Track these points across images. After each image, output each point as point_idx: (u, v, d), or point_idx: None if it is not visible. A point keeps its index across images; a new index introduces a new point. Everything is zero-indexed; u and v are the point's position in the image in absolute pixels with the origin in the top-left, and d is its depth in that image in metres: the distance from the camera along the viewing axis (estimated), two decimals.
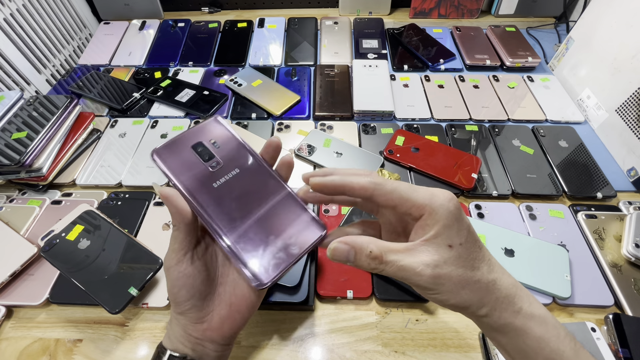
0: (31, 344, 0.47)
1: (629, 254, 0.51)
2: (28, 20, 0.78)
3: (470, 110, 0.74)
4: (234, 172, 0.29)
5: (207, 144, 0.30)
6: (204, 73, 0.83)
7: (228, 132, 0.31)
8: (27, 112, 0.65)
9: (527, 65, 0.83)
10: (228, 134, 0.31)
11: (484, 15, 1.01)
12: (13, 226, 0.56)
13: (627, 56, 0.63)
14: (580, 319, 0.48)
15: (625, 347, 0.43)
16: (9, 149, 0.59)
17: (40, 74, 0.80)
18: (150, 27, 0.95)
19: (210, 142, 0.30)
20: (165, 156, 0.29)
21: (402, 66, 0.84)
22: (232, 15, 1.03)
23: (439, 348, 0.46)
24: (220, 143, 0.31)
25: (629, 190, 0.62)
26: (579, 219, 0.57)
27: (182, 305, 0.29)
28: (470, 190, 0.60)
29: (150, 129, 0.72)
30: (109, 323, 0.49)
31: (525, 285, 0.49)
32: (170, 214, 0.28)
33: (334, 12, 1.03)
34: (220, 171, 0.29)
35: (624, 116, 0.64)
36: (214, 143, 0.30)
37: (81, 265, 0.48)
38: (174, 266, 0.28)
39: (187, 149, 0.30)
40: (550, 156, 0.65)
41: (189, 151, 0.30)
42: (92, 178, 0.64)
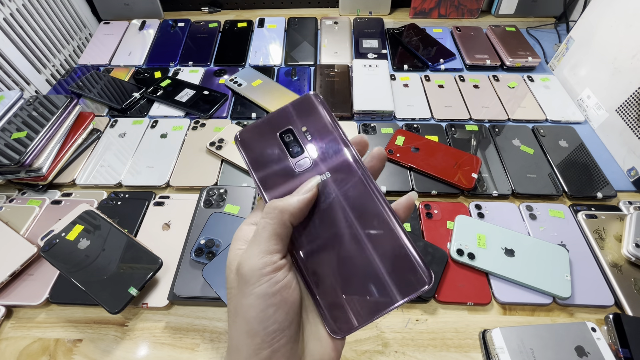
0: (31, 344, 0.47)
1: (629, 254, 0.51)
2: (28, 20, 0.78)
3: (471, 110, 0.74)
4: (324, 177, 0.24)
5: (297, 132, 0.24)
6: (204, 73, 0.83)
7: (325, 117, 0.25)
8: (27, 112, 0.65)
9: (527, 65, 0.83)
10: (324, 120, 0.25)
11: (484, 15, 1.00)
12: (13, 226, 0.56)
13: (627, 56, 0.63)
14: (580, 319, 0.48)
15: (625, 347, 0.43)
16: (8, 149, 0.59)
17: (40, 74, 0.80)
18: (150, 27, 0.95)
19: (302, 130, 0.24)
20: (248, 142, 0.25)
21: (402, 66, 0.83)
22: (232, 15, 1.03)
23: (439, 348, 0.46)
24: (313, 132, 0.25)
25: (629, 190, 0.62)
26: (579, 218, 0.56)
27: (274, 339, 0.20)
28: (470, 190, 0.60)
29: (150, 128, 0.71)
30: (108, 323, 0.49)
31: (525, 285, 0.49)
32: (285, 203, 0.22)
33: (334, 12, 1.03)
34: (308, 173, 0.24)
35: (624, 116, 0.64)
36: (306, 132, 0.24)
37: (81, 265, 0.48)
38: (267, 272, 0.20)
39: (274, 136, 0.25)
40: (551, 156, 0.65)
41: (275, 139, 0.24)
42: (92, 178, 0.64)
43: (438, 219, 0.57)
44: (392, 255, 0.22)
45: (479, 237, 0.53)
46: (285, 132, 0.25)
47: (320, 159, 0.24)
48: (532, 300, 0.49)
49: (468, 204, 0.59)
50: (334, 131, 0.24)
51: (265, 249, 0.21)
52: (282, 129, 0.25)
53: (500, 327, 0.45)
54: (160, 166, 0.65)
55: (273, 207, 0.22)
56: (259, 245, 0.21)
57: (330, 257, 0.22)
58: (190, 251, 0.52)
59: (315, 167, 0.24)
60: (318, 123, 0.25)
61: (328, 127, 0.24)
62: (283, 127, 0.25)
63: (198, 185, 0.62)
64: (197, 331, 0.48)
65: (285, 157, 0.24)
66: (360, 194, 0.23)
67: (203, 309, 0.50)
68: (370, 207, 0.23)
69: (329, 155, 0.24)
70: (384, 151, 0.25)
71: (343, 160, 0.24)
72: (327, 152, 0.24)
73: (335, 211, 0.23)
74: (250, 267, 0.21)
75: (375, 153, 0.25)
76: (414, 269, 0.22)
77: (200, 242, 0.52)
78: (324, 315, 0.22)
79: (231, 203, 0.58)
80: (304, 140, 0.24)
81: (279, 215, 0.21)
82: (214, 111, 0.74)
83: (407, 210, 0.23)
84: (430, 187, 0.61)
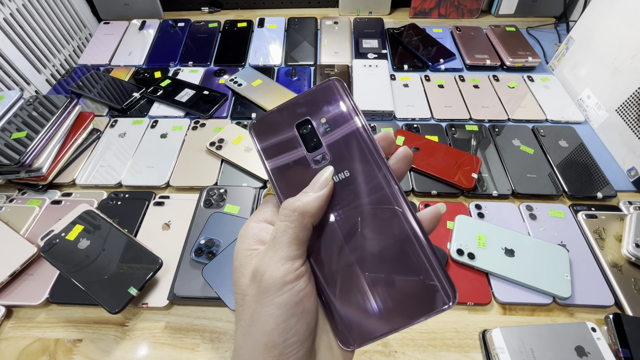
0: (31, 344, 0.47)
1: (629, 254, 0.51)
2: (28, 20, 0.78)
3: (471, 110, 0.74)
4: (342, 176, 0.21)
5: (315, 123, 0.22)
6: (203, 73, 0.83)
7: (347, 108, 0.22)
8: (26, 112, 0.65)
9: (527, 65, 0.83)
10: (346, 111, 0.22)
11: (484, 15, 1.00)
12: (13, 226, 0.56)
13: (627, 56, 0.63)
14: (580, 318, 0.48)
15: (625, 347, 0.43)
16: (8, 149, 0.59)
17: (40, 74, 0.80)
18: (150, 27, 0.95)
19: (321, 122, 0.22)
20: (263, 132, 0.23)
21: (402, 66, 0.83)
22: (232, 15, 1.03)
23: (439, 348, 0.46)
24: (333, 124, 0.22)
25: (629, 190, 0.62)
26: (579, 218, 0.56)
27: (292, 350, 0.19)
28: (470, 190, 0.60)
29: (150, 128, 0.71)
30: (108, 323, 0.49)
31: (525, 285, 0.49)
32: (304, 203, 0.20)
33: (334, 12, 1.03)
34: None
35: (624, 116, 0.64)
36: (325, 124, 0.22)
37: (81, 265, 0.48)
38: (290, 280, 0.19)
39: (290, 127, 0.23)
40: (551, 156, 0.65)
41: (291, 130, 0.22)
42: (92, 178, 0.64)
43: None
44: (415, 269, 0.20)
45: (479, 237, 0.53)
46: (302, 123, 0.22)
47: (339, 155, 0.22)
48: (532, 300, 0.49)
49: (468, 204, 0.59)
50: (356, 125, 0.22)
51: (287, 255, 0.19)
52: (299, 120, 0.22)
53: (500, 327, 0.45)
54: (160, 166, 0.65)
55: (292, 209, 0.20)
56: (279, 250, 0.20)
57: (346, 265, 0.21)
58: (190, 251, 0.52)
59: (333, 164, 0.22)
60: (339, 115, 0.22)
61: (350, 120, 0.22)
62: (300, 117, 0.22)
63: (198, 185, 0.62)
64: (197, 331, 0.48)
65: (301, 151, 0.22)
66: (383, 198, 0.21)
67: (203, 309, 0.50)
68: (393, 213, 0.21)
69: (349, 151, 0.22)
70: (410, 152, 0.23)
71: (365, 159, 0.21)
72: (348, 148, 0.22)
73: (354, 214, 0.21)
74: (270, 275, 0.19)
75: (401, 154, 0.23)
76: (437, 285, 0.20)
77: (200, 242, 0.52)
78: (336, 326, 0.21)
79: (231, 203, 0.58)
80: (323, 133, 0.22)
81: (300, 219, 0.20)
82: (214, 111, 0.74)
83: (433, 222, 0.22)
84: (430, 187, 0.61)
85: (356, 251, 0.21)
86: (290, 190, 0.22)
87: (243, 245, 0.21)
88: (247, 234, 0.22)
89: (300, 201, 0.20)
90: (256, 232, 0.22)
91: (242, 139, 0.67)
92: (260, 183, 0.62)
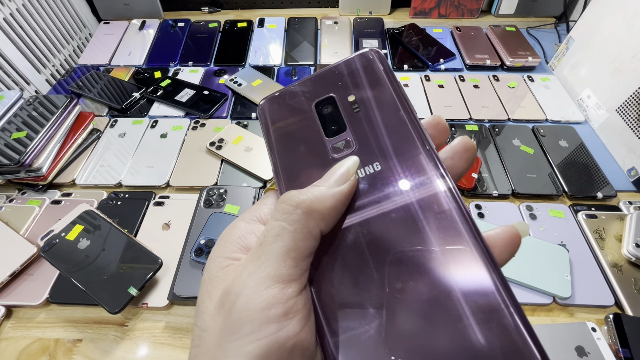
0: (31, 344, 0.47)
1: (630, 254, 0.51)
2: (28, 20, 0.78)
3: (471, 110, 0.74)
4: (371, 170, 0.15)
5: (341, 102, 0.17)
6: (203, 73, 0.83)
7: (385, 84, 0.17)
8: (26, 111, 0.65)
9: (527, 65, 0.83)
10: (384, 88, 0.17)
11: (484, 15, 1.00)
12: (13, 226, 0.56)
13: (627, 56, 0.63)
14: (580, 318, 0.48)
15: (625, 347, 0.43)
16: (8, 149, 0.59)
17: (40, 74, 0.80)
18: (150, 26, 0.95)
19: (349, 100, 0.17)
20: (274, 113, 0.18)
21: (402, 66, 0.83)
22: (232, 15, 1.03)
23: None
24: (365, 103, 0.17)
25: (629, 190, 0.62)
26: (579, 218, 0.56)
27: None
28: (470, 190, 0.60)
29: (150, 128, 0.71)
30: (108, 323, 0.49)
31: (525, 285, 0.49)
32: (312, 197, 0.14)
33: (334, 11, 1.03)
34: None
35: (624, 116, 0.64)
36: (354, 102, 0.17)
37: (81, 265, 0.48)
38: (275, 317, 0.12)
39: (308, 107, 0.18)
40: (551, 156, 0.65)
41: (309, 111, 0.17)
42: (92, 178, 0.64)
43: None
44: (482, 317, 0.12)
45: None
46: (324, 101, 0.17)
47: (368, 142, 0.16)
48: (532, 300, 0.49)
49: (468, 204, 0.59)
50: (396, 105, 0.16)
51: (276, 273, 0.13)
52: (321, 98, 0.17)
53: None
54: (160, 166, 0.65)
55: (293, 203, 0.14)
56: (265, 264, 0.13)
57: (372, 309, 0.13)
58: (190, 251, 0.52)
59: (360, 153, 0.16)
60: (374, 92, 0.17)
61: (389, 99, 0.16)
62: (322, 95, 0.17)
63: (198, 185, 0.62)
64: None
65: (319, 136, 0.17)
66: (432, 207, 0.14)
67: None
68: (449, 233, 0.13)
69: (384, 137, 0.16)
70: (472, 144, 0.16)
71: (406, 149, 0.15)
72: (382, 133, 0.16)
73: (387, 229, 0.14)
74: (246, 302, 0.13)
75: (458, 146, 0.16)
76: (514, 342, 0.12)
77: (200, 242, 0.52)
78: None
79: (231, 203, 0.58)
80: (349, 114, 0.17)
81: (303, 219, 0.14)
82: (214, 111, 0.74)
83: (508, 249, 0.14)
84: None
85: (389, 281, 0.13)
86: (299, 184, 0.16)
87: (220, 252, 0.15)
88: (229, 236, 0.16)
89: (306, 194, 0.14)
90: (243, 235, 0.16)
91: (242, 138, 0.67)
92: (260, 183, 0.62)
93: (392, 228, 0.14)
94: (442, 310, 0.13)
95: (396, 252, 0.14)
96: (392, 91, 0.17)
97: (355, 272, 0.14)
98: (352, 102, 0.17)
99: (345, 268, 0.14)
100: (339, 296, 0.14)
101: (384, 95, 0.17)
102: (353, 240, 0.14)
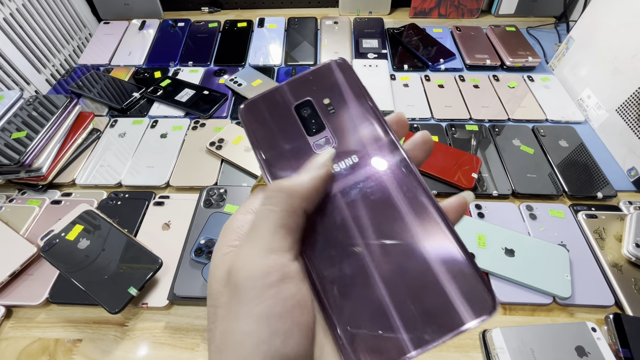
0: (31, 344, 0.47)
1: (630, 254, 0.51)
2: (28, 20, 0.78)
3: (471, 110, 0.74)
4: (349, 162, 0.19)
5: (318, 104, 0.20)
6: (203, 73, 0.83)
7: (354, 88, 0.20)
8: (26, 111, 0.65)
9: (527, 65, 0.83)
10: (353, 91, 0.20)
11: (484, 15, 1.00)
12: (12, 226, 0.56)
13: (627, 56, 0.63)
14: (580, 318, 0.48)
15: (625, 347, 0.43)
16: (8, 149, 0.59)
17: (40, 74, 0.80)
18: (150, 26, 0.95)
19: (324, 103, 0.20)
20: (255, 116, 0.20)
21: (402, 66, 0.83)
22: (232, 15, 1.03)
23: (439, 348, 0.46)
24: (338, 105, 0.20)
25: (630, 190, 0.62)
26: (579, 218, 0.56)
27: None
28: (470, 190, 0.60)
29: (150, 128, 0.71)
30: (108, 323, 0.49)
31: (525, 285, 0.49)
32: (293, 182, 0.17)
33: (334, 11, 1.03)
34: None
35: (624, 116, 0.64)
36: (329, 105, 0.20)
37: (81, 265, 0.48)
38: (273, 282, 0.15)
39: (288, 110, 0.20)
40: (551, 156, 0.65)
41: (289, 113, 0.20)
42: (92, 178, 0.64)
43: None
44: (444, 272, 0.16)
45: (479, 237, 0.53)
46: (302, 104, 0.20)
47: (346, 138, 0.19)
48: (532, 300, 0.49)
49: None
50: (365, 105, 0.20)
51: (269, 246, 0.15)
52: (299, 101, 0.20)
53: (500, 327, 0.45)
54: (160, 166, 0.65)
55: (277, 189, 0.16)
56: (259, 240, 0.15)
57: (356, 267, 0.17)
58: (190, 251, 0.52)
59: (340, 148, 0.19)
60: (345, 95, 0.20)
61: (358, 101, 0.20)
62: (300, 98, 0.20)
63: (198, 185, 0.62)
64: (197, 331, 0.48)
65: (302, 135, 0.19)
66: (400, 187, 0.18)
67: (203, 308, 0.50)
68: (414, 204, 0.17)
69: (358, 134, 0.19)
70: (430, 137, 0.19)
71: (376, 142, 0.19)
72: (356, 130, 0.19)
73: (365, 206, 0.18)
74: (247, 273, 0.15)
75: (418, 139, 0.19)
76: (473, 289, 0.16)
77: (200, 242, 0.52)
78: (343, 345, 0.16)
79: (231, 203, 0.58)
80: (326, 114, 0.20)
81: (287, 200, 0.16)
82: (214, 111, 0.74)
83: (458, 213, 0.18)
84: (430, 187, 0.61)
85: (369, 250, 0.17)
86: None
87: (222, 242, 0.18)
88: (230, 228, 0.18)
89: (288, 180, 0.17)
90: (241, 225, 0.18)
91: (242, 138, 0.67)
92: None
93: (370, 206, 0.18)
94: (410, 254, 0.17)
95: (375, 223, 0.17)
96: (359, 93, 0.20)
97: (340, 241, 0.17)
98: (327, 104, 0.20)
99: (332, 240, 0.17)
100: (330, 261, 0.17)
101: (353, 97, 0.20)
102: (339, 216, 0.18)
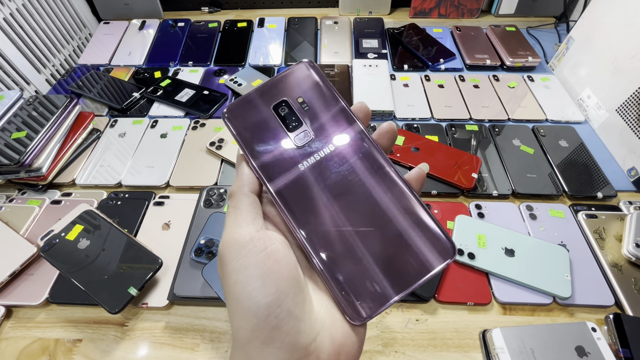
0: (31, 344, 0.47)
1: (630, 254, 0.51)
2: (28, 19, 0.78)
3: (471, 110, 0.74)
4: (327, 150, 0.22)
5: (293, 103, 0.23)
6: (203, 73, 0.83)
7: (322, 86, 0.23)
8: (26, 111, 0.65)
9: (527, 65, 0.83)
10: (321, 89, 0.23)
11: (484, 15, 1.00)
12: (12, 226, 0.56)
13: (628, 56, 0.63)
14: (580, 318, 0.48)
15: (625, 347, 0.43)
16: (8, 149, 0.59)
17: (40, 74, 0.80)
18: (150, 26, 0.95)
19: (298, 102, 0.23)
20: (239, 120, 0.23)
21: (402, 66, 0.83)
22: (232, 15, 1.03)
23: (439, 348, 0.46)
24: (310, 102, 0.23)
25: (630, 190, 0.62)
26: (579, 218, 0.56)
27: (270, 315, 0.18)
28: (470, 190, 0.60)
29: (150, 128, 0.71)
30: (108, 323, 0.49)
31: (525, 285, 0.49)
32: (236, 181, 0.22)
33: (334, 11, 1.03)
34: (310, 146, 0.22)
35: (624, 116, 0.64)
36: (303, 102, 0.23)
37: (81, 265, 0.48)
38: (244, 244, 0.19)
39: (267, 110, 0.23)
40: (551, 156, 0.65)
41: (268, 113, 0.23)
42: (92, 178, 0.64)
43: (438, 218, 0.57)
44: (411, 226, 0.20)
45: (479, 237, 0.53)
46: (279, 104, 0.23)
47: (322, 130, 0.22)
48: (532, 300, 0.49)
49: (468, 203, 0.59)
50: (333, 100, 0.23)
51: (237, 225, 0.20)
52: (276, 102, 0.23)
53: (500, 327, 0.45)
54: (160, 166, 0.65)
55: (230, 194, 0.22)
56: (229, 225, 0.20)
57: (341, 232, 0.20)
58: (190, 251, 0.52)
59: (318, 139, 0.22)
60: (315, 92, 0.23)
61: (327, 96, 0.23)
62: (276, 99, 0.23)
63: (198, 185, 0.62)
64: (197, 331, 0.48)
65: (283, 132, 0.22)
66: (370, 165, 0.21)
67: (203, 309, 0.50)
68: (382, 176, 0.21)
69: (331, 125, 0.22)
70: (394, 127, 0.23)
71: (347, 130, 0.22)
72: (329, 122, 0.22)
73: (342, 183, 0.21)
74: (224, 244, 0.19)
75: (384, 128, 0.23)
76: (436, 239, 0.20)
77: (200, 242, 0.52)
78: (340, 300, 0.20)
79: None
80: (302, 111, 0.23)
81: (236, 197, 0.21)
82: (214, 111, 0.74)
83: (419, 182, 0.22)
84: (430, 187, 0.61)
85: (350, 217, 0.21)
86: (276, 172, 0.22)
87: None
88: None
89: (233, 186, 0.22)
90: None
91: None
92: None
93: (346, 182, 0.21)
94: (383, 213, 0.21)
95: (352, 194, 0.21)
96: (328, 90, 0.23)
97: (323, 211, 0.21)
98: (301, 102, 0.23)
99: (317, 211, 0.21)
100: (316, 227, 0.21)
101: (323, 94, 0.23)
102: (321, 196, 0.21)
